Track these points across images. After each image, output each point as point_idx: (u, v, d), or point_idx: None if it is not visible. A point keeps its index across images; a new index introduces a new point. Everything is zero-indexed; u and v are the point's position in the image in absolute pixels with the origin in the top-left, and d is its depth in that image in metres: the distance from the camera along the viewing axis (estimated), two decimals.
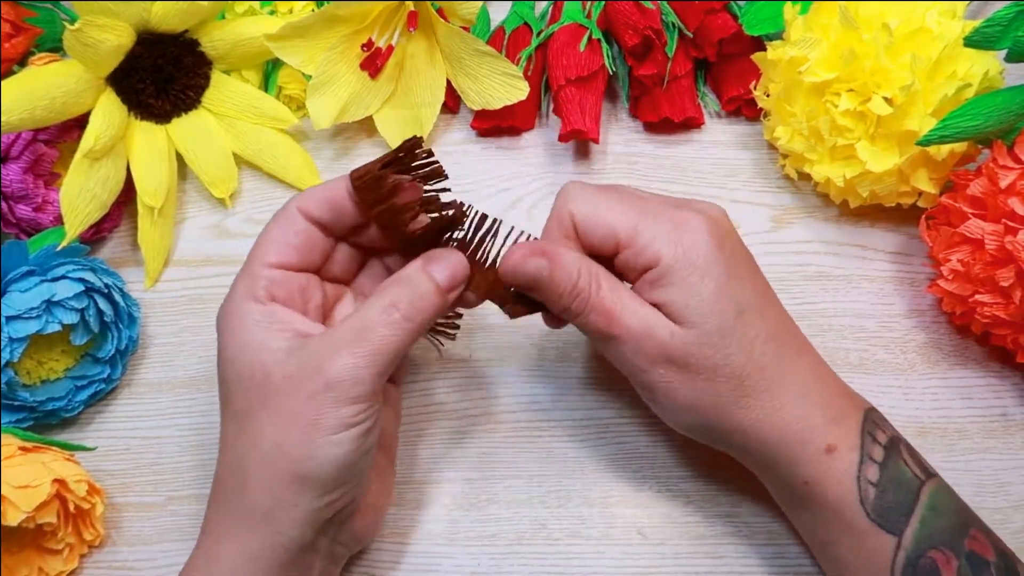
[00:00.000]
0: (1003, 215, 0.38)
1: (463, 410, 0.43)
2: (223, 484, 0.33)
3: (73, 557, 0.39)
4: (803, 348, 0.36)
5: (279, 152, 0.49)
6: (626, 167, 0.49)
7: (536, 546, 0.40)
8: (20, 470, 0.36)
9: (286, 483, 0.31)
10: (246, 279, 0.34)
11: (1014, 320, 0.39)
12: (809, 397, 0.34)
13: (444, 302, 0.33)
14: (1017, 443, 0.42)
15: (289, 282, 0.34)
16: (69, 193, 0.42)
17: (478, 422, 0.43)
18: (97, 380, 0.43)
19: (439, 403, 0.43)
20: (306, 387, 0.31)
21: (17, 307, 0.38)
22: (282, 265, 0.34)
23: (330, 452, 0.31)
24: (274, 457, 0.31)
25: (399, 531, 0.41)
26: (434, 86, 0.49)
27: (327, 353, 0.31)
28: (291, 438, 0.31)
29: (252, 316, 0.33)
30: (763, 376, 0.34)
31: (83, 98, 0.43)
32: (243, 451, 0.32)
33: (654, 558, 0.40)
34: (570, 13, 0.49)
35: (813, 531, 0.36)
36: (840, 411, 0.35)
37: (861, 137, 0.43)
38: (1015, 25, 0.39)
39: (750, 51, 0.48)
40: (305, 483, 0.31)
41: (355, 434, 0.31)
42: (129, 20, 0.43)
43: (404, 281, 0.33)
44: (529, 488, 0.41)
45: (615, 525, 0.41)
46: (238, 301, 0.33)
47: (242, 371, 0.32)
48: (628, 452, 0.42)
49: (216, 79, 0.48)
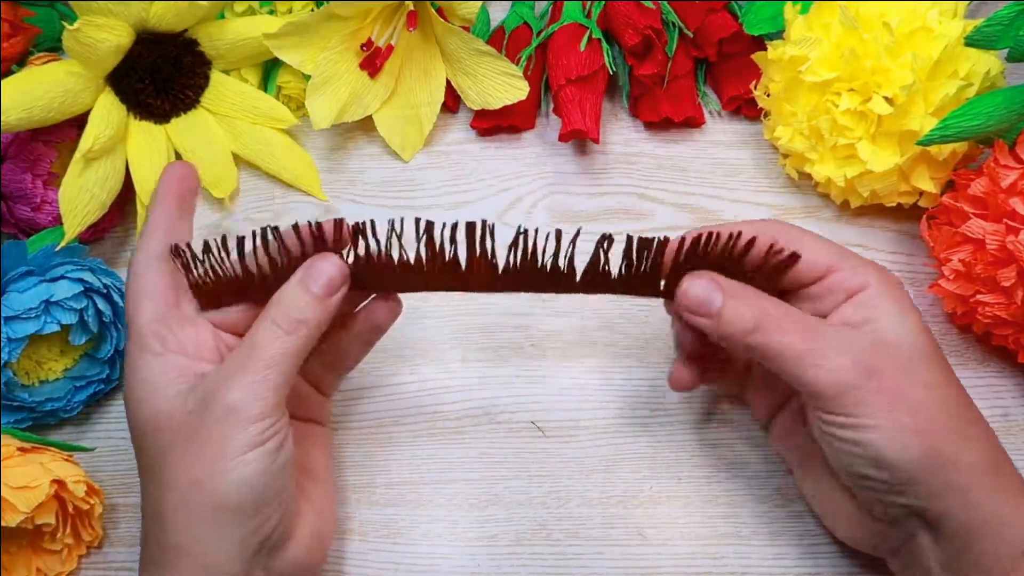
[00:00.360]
0: (1004, 215, 0.38)
1: (463, 411, 0.43)
2: (147, 535, 0.34)
3: (71, 558, 0.39)
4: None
5: (279, 152, 0.49)
6: (626, 167, 0.49)
7: (536, 547, 0.40)
8: (19, 471, 0.36)
9: (206, 517, 0.31)
10: (135, 336, 0.34)
11: (1015, 320, 0.39)
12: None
13: (326, 307, 0.34)
14: (1018, 443, 0.41)
15: (177, 332, 0.34)
16: (68, 193, 0.42)
17: (479, 422, 0.43)
18: (96, 380, 0.43)
19: (438, 403, 0.43)
20: (208, 418, 0.32)
21: (15, 307, 0.38)
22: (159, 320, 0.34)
23: (242, 473, 0.31)
24: (189, 494, 0.32)
25: (398, 531, 0.41)
26: (434, 86, 0.48)
27: (222, 380, 0.32)
28: (202, 469, 0.31)
29: (149, 369, 0.33)
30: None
31: (82, 98, 0.43)
32: (159, 496, 0.32)
33: (655, 559, 0.40)
34: (570, 13, 0.49)
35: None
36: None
37: (862, 137, 0.43)
38: (1016, 24, 0.38)
39: (750, 51, 0.48)
40: (224, 512, 0.31)
41: (264, 452, 0.32)
42: (128, 20, 0.43)
43: (281, 298, 0.34)
44: (529, 488, 0.41)
45: (615, 526, 0.40)
46: (133, 357, 0.34)
47: (147, 420, 0.33)
48: (628, 453, 0.42)
49: (215, 79, 0.48)
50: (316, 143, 0.51)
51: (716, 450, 0.41)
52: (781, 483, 0.41)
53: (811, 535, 0.39)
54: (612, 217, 0.48)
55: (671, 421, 0.43)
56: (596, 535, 0.40)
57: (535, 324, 0.45)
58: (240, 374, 0.32)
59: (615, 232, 0.33)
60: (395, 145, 0.50)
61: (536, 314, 0.45)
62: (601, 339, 0.44)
